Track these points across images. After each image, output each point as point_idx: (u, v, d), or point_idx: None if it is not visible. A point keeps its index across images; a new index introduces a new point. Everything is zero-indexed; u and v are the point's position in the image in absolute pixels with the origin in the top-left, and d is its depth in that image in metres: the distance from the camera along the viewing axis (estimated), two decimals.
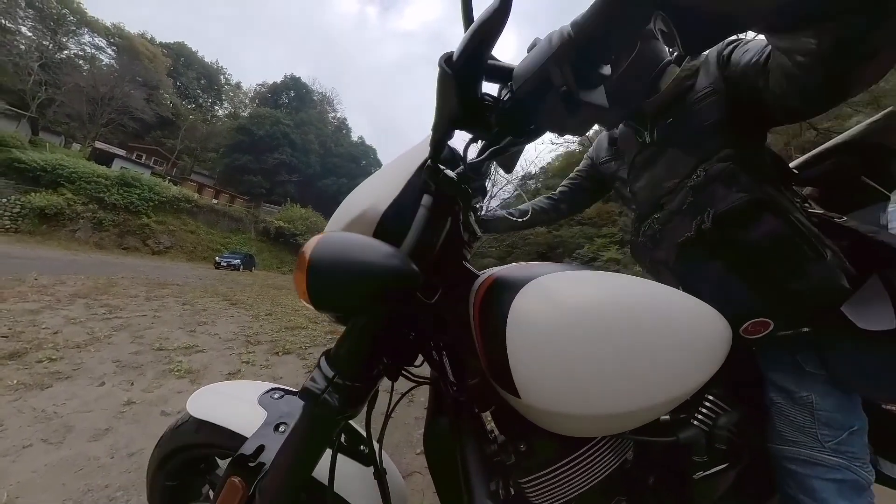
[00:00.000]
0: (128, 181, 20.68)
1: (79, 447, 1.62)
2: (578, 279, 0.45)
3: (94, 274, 7.48)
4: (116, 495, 1.35)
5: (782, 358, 0.62)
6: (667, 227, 0.71)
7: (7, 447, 1.55)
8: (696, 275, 0.65)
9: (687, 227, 0.65)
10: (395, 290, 0.37)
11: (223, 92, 54.38)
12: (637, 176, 0.83)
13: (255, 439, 0.56)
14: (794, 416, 0.60)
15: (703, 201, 0.64)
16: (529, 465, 0.51)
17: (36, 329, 3.18)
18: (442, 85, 0.36)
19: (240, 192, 35.98)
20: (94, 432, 1.75)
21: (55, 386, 2.19)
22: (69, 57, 31.50)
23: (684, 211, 0.67)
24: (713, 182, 0.63)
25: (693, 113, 0.70)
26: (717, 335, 0.44)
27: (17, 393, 2.03)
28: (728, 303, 0.52)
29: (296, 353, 3.65)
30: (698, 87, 0.70)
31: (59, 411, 1.90)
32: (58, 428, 1.75)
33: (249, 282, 12.25)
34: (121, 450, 1.63)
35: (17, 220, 15.89)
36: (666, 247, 0.71)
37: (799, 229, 0.54)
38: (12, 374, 2.23)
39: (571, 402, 0.39)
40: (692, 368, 0.41)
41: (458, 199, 0.48)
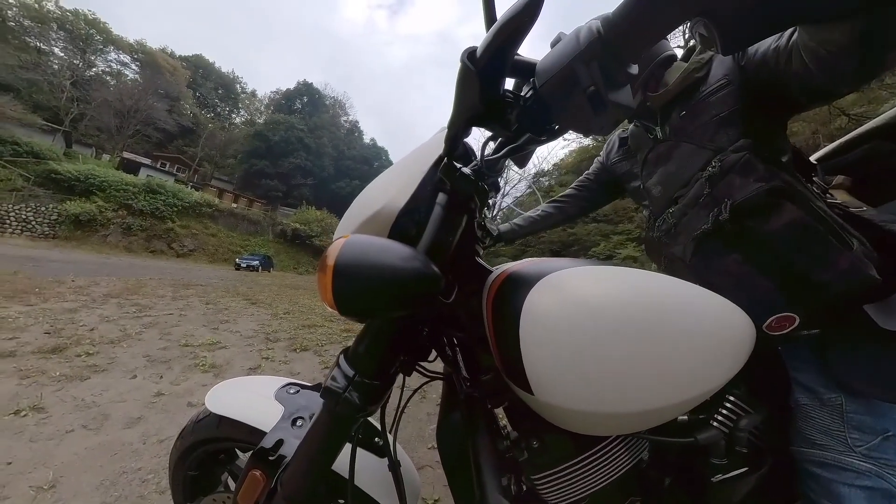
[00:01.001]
0: (153, 188, 21.71)
1: (114, 433, 1.74)
2: (594, 274, 0.43)
3: (124, 275, 7.90)
4: (148, 478, 1.44)
5: (809, 357, 0.59)
6: (682, 221, 0.69)
7: (52, 432, 1.68)
8: (715, 269, 0.63)
9: (703, 220, 0.63)
10: (419, 294, 0.37)
11: (240, 100, 56.13)
12: (650, 173, 0.82)
13: (275, 433, 0.58)
14: (822, 419, 0.57)
15: (719, 193, 0.61)
16: (542, 461, 0.50)
17: (74, 326, 3.40)
18: (463, 81, 0.35)
19: (257, 195, 37.09)
20: (128, 420, 1.87)
21: (92, 378, 2.34)
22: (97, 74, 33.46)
23: (700, 204, 0.65)
24: (729, 172, 0.61)
25: (707, 105, 0.69)
26: (740, 333, 0.42)
27: (60, 384, 2.18)
28: (750, 298, 0.50)
29: (312, 350, 3.75)
30: (711, 78, 0.69)
31: (96, 401, 2.04)
32: (96, 416, 1.87)
33: (268, 282, 12.61)
34: (151, 437, 1.73)
35: (54, 226, 17.03)
36: (682, 241, 0.69)
37: (822, 218, 0.52)
38: (55, 367, 2.40)
39: (585, 400, 0.38)
40: (713, 367, 0.40)
41: (474, 196, 0.47)
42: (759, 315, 0.52)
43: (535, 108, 0.38)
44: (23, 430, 1.66)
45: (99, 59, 34.29)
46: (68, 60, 31.05)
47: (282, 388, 0.70)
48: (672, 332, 0.38)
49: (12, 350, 2.57)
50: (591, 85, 0.32)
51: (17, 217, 16.20)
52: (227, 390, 0.74)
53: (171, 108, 38.22)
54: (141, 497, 1.33)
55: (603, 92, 0.33)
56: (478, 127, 0.42)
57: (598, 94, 0.33)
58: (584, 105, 0.34)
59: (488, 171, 0.47)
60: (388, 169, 0.58)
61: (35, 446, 1.55)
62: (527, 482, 0.54)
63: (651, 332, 0.38)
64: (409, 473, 0.70)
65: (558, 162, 29.02)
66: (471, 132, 0.43)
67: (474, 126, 0.41)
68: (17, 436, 1.61)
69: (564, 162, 28.72)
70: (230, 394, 0.72)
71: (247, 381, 0.78)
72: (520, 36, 0.32)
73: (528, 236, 1.28)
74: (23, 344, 2.73)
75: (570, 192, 1.24)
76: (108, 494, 1.32)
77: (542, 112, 0.38)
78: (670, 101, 0.75)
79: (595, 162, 1.17)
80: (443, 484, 1.45)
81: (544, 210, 1.25)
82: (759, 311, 0.52)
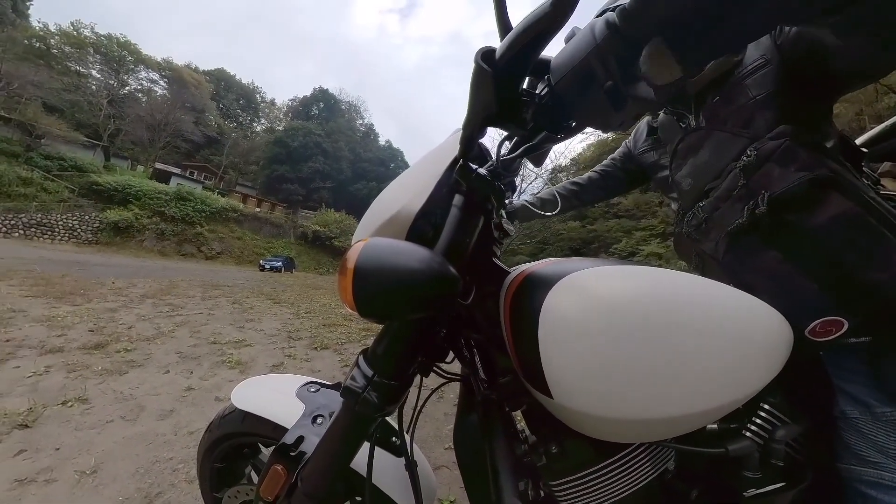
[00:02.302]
0: (183, 195, 22.96)
1: (149, 424, 1.84)
2: (616, 274, 0.42)
3: (158, 277, 8.37)
4: (178, 467, 1.51)
5: (858, 366, 0.53)
6: (714, 216, 0.63)
7: (94, 421, 1.80)
8: (751, 268, 0.57)
9: (737, 214, 0.58)
10: (438, 297, 0.37)
11: (260, 109, 58.38)
12: (680, 164, 0.77)
13: (296, 430, 0.60)
14: (875, 435, 0.51)
15: (755, 184, 0.56)
16: (561, 468, 0.49)
17: (115, 324, 3.63)
18: (477, 81, 0.34)
19: (279, 199, 38.36)
20: (161, 412, 1.97)
21: (130, 372, 2.49)
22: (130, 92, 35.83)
23: (734, 196, 0.60)
24: (767, 161, 0.55)
25: (742, 87, 0.63)
26: (776, 337, 0.40)
27: (102, 377, 2.33)
28: (791, 299, 0.47)
29: (332, 349, 3.83)
30: (748, 59, 0.64)
31: (133, 394, 2.16)
32: (133, 407, 1.99)
33: (290, 282, 13.01)
34: (182, 428, 1.82)
35: (97, 233, 18.42)
36: (714, 237, 0.63)
37: (875, 210, 0.47)
38: (98, 362, 2.57)
39: (607, 405, 0.37)
40: (746, 373, 0.37)
41: (490, 197, 0.46)
42: (802, 319, 0.47)
43: (550, 105, 0.38)
44: (69, 419, 1.79)
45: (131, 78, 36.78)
46: (104, 81, 33.57)
47: (303, 387, 0.71)
48: (701, 334, 0.36)
49: (61, 346, 2.78)
50: (608, 80, 0.31)
51: (65, 225, 17.60)
52: (252, 387, 0.76)
53: (197, 119, 40.29)
54: (171, 485, 1.39)
55: (621, 86, 0.31)
56: (493, 127, 0.41)
57: (616, 89, 0.31)
58: (603, 101, 0.33)
59: (504, 171, 0.46)
60: (404, 172, 0.58)
61: (79, 434, 1.67)
62: (545, 488, 0.52)
63: (678, 335, 0.36)
64: (426, 474, 0.70)
65: (576, 157, 28.21)
66: (486, 132, 0.43)
67: (489, 126, 0.41)
68: (64, 424, 1.74)
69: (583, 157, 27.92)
70: (254, 391, 0.75)
71: (270, 379, 0.80)
72: (544, 40, 0.32)
73: (541, 218, 1.25)
74: (70, 340, 2.94)
75: (591, 175, 1.19)
76: (142, 481, 1.40)
77: (559, 109, 0.38)
78: (706, 86, 0.69)
79: (622, 146, 1.12)
80: (459, 486, 1.43)
81: (560, 192, 1.19)
82: (802, 315, 0.47)
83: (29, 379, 2.17)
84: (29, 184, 17.88)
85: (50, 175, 19.16)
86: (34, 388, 2.05)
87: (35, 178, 18.32)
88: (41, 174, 18.79)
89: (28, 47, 25.68)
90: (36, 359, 2.48)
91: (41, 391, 2.03)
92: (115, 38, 34.96)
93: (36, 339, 2.85)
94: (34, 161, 19.29)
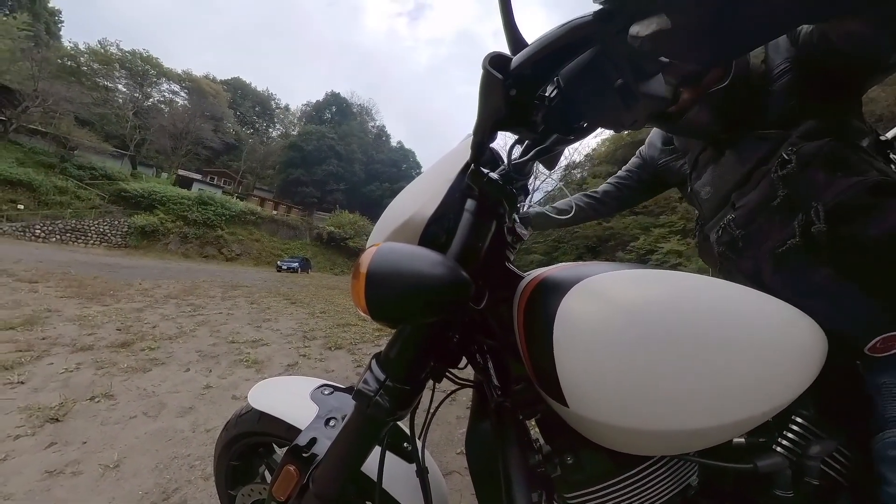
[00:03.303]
0: (205, 200, 23.86)
1: (169, 421, 1.89)
2: (635, 278, 0.40)
3: (182, 278, 8.70)
4: (195, 463, 1.55)
5: None
6: (751, 231, 0.58)
7: (119, 417, 1.87)
8: (800, 289, 0.52)
9: (785, 230, 0.53)
10: (450, 301, 0.37)
11: (275, 115, 59.85)
12: (700, 173, 0.72)
13: (309, 432, 0.60)
14: None
15: (801, 193, 0.51)
16: (576, 479, 0.47)
17: (140, 324, 3.79)
18: (486, 87, 0.34)
19: (295, 202, 39.30)
20: (181, 410, 2.03)
21: (153, 370, 2.59)
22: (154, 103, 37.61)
23: (773, 208, 0.54)
24: (809, 167, 0.50)
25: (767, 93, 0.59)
26: (808, 344, 0.37)
27: (127, 375, 2.43)
28: (849, 317, 0.44)
29: (346, 349, 3.88)
30: (772, 64, 0.59)
31: (155, 391, 2.24)
32: (155, 404, 2.06)
33: (306, 283, 13.30)
34: (200, 426, 1.87)
35: (125, 237, 19.43)
36: (752, 255, 0.58)
37: None
38: (124, 360, 2.68)
39: (625, 415, 0.35)
40: (775, 383, 0.35)
41: (503, 201, 0.46)
42: (861, 336, 0.44)
43: (561, 107, 0.37)
44: (96, 414, 1.87)
45: (154, 90, 38.55)
46: (130, 94, 35.41)
47: (317, 389, 0.72)
48: (726, 341, 0.34)
49: (91, 344, 2.92)
50: (619, 78, 0.31)
51: (96, 230, 18.61)
52: (268, 388, 0.77)
53: (216, 127, 41.71)
54: (188, 481, 1.43)
55: (632, 84, 0.31)
56: (503, 131, 0.41)
57: (627, 87, 0.31)
58: (614, 100, 0.32)
59: (516, 175, 0.46)
60: (417, 178, 0.59)
61: (105, 429, 1.74)
62: (559, 500, 0.51)
63: (701, 341, 0.34)
64: (437, 481, 0.69)
65: (590, 152, 27.60)
66: (496, 137, 0.43)
67: (500, 130, 0.41)
68: (91, 419, 1.81)
69: (597, 152, 27.28)
70: (270, 392, 0.76)
71: (285, 381, 0.81)
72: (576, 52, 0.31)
73: (557, 227, 1.21)
74: (99, 339, 3.09)
75: (606, 187, 1.15)
76: (161, 476, 1.44)
77: (570, 111, 0.37)
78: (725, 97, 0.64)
79: (636, 156, 1.06)
80: (470, 492, 1.41)
81: (577, 203, 1.16)
82: (861, 332, 0.44)
83: (61, 375, 2.28)
84: (64, 192, 19.02)
85: (83, 184, 20.32)
86: (65, 384, 2.16)
87: (69, 186, 19.46)
88: (75, 183, 19.94)
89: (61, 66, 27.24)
90: (68, 356, 2.61)
91: (72, 387, 2.14)
92: (138, 53, 36.80)
93: (68, 338, 3.00)
94: (68, 171, 20.46)
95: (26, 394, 1.98)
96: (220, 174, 40.19)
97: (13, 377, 2.13)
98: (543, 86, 0.36)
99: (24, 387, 2.06)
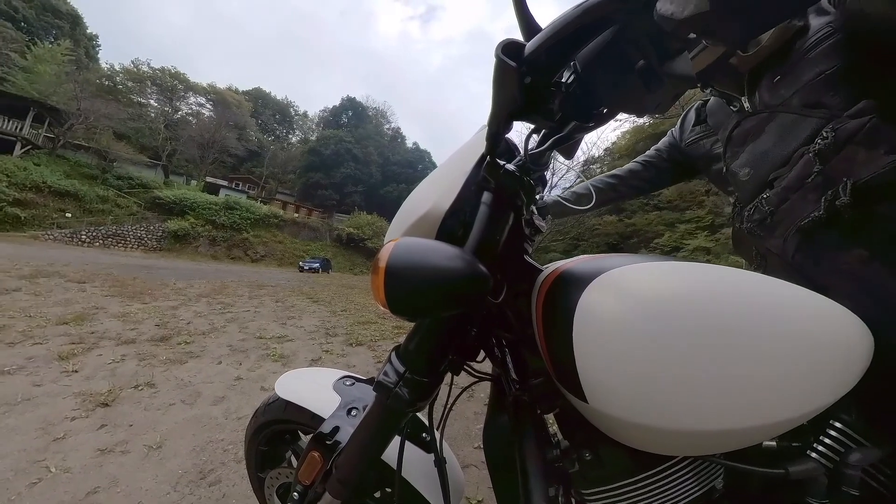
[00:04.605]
0: (231, 205, 25.06)
1: (204, 409, 2.01)
2: (658, 270, 0.39)
3: (212, 279, 9.14)
4: (228, 448, 1.64)
5: None
6: (781, 209, 0.55)
7: (160, 403, 2.01)
8: (829, 269, 0.49)
9: (812, 206, 0.50)
10: (468, 295, 0.37)
11: (294, 122, 61.89)
12: (736, 152, 0.68)
13: (332, 420, 0.63)
14: None
15: (834, 170, 0.48)
16: (595, 476, 0.46)
17: (176, 320, 4.03)
18: (501, 77, 0.33)
19: (315, 205, 40.36)
20: (215, 399, 2.15)
21: (189, 362, 2.75)
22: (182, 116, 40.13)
23: (808, 186, 0.51)
24: (848, 143, 0.48)
25: (808, 62, 0.55)
26: (852, 344, 0.34)
27: (166, 366, 2.59)
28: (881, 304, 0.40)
29: (367, 345, 3.96)
30: (812, 29, 0.55)
31: (192, 381, 2.38)
32: (191, 393, 2.19)
33: (327, 282, 13.64)
34: (232, 414, 1.98)
35: (160, 240, 20.71)
36: (781, 233, 0.55)
37: None
38: (163, 353, 2.86)
39: (647, 412, 0.33)
40: (813, 385, 0.33)
41: (520, 192, 0.45)
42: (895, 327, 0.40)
43: (579, 93, 0.35)
44: (140, 400, 2.01)
45: (182, 103, 41.20)
46: (160, 108, 38.02)
47: (339, 380, 0.74)
48: (759, 337, 0.32)
49: (133, 338, 3.13)
50: (640, 59, 0.29)
51: (134, 235, 19.96)
52: (294, 379, 0.81)
53: (240, 136, 43.73)
54: (222, 463, 1.52)
55: (655, 65, 0.29)
56: (519, 121, 0.39)
57: (650, 69, 0.29)
58: (636, 83, 0.30)
59: (533, 166, 0.45)
60: (432, 172, 0.58)
61: (148, 414, 1.87)
62: (576, 496, 0.50)
63: (731, 337, 0.32)
64: (454, 471, 0.70)
65: (610, 146, 26.67)
66: (512, 127, 0.41)
67: (515, 121, 0.39)
68: (135, 405, 1.95)
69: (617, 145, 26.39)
70: (295, 382, 0.79)
71: (310, 372, 0.84)
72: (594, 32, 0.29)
73: (575, 214, 1.17)
74: (140, 334, 3.31)
75: (631, 166, 1.08)
76: (198, 458, 1.54)
77: (588, 96, 0.35)
78: (762, 63, 0.60)
79: (667, 135, 1.01)
80: (487, 486, 1.43)
81: (595, 186, 1.09)
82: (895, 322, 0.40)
83: (109, 365, 2.47)
84: (105, 201, 20.55)
85: (121, 192, 21.85)
86: (113, 373, 2.34)
87: (110, 195, 21.01)
88: (115, 192, 21.49)
89: (99, 86, 29.56)
90: (114, 348, 2.82)
91: (118, 376, 2.31)
92: (167, 70, 39.40)
93: (114, 332, 3.24)
94: (109, 181, 22.09)
95: (80, 381, 2.16)
96: (245, 180, 41.96)
97: (69, 367, 2.33)
98: (559, 72, 0.34)
99: (78, 375, 2.25)
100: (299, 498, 0.62)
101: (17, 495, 1.21)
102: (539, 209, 0.63)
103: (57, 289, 4.87)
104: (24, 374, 2.15)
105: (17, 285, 4.63)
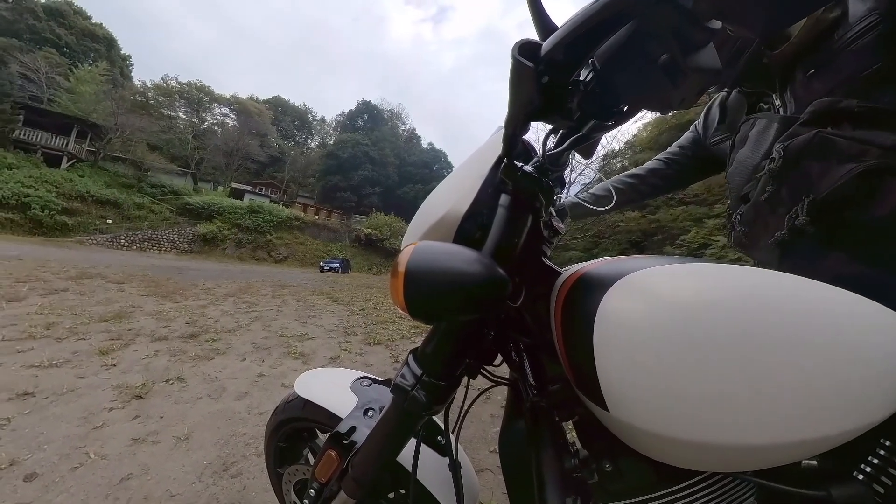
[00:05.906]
0: (255, 209, 26.22)
1: (229, 403, 2.09)
2: (686, 273, 0.36)
3: (237, 279, 9.54)
4: (250, 441, 1.69)
5: None
6: (755, 226, 0.55)
7: (189, 397, 2.11)
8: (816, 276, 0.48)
9: (778, 224, 0.49)
10: (486, 298, 0.36)
11: (312, 127, 63.87)
12: (731, 160, 0.66)
13: (349, 420, 0.63)
14: None
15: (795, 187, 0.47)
16: (615, 489, 0.44)
17: (204, 318, 4.22)
18: (517, 77, 0.32)
19: (334, 207, 41.42)
20: (238, 394, 2.24)
21: (216, 359, 2.87)
22: (209, 126, 42.51)
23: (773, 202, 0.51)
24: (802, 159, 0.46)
25: (849, 55, 0.49)
26: None
27: (195, 362, 2.72)
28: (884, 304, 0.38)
29: (384, 345, 4.00)
30: (852, 18, 0.49)
31: (217, 376, 2.49)
32: (217, 388, 2.28)
33: (346, 282, 13.94)
34: (254, 409, 2.04)
35: (191, 244, 22.05)
36: (763, 246, 0.55)
37: None
38: (192, 349, 3.01)
39: (673, 423, 0.32)
40: (862, 399, 0.29)
41: (538, 194, 0.44)
42: None
43: (598, 90, 0.34)
44: (170, 394, 2.12)
45: (208, 114, 43.60)
46: (188, 120, 40.39)
47: (356, 381, 0.75)
48: (798, 345, 0.29)
49: (166, 335, 3.31)
50: (663, 53, 0.28)
51: (167, 238, 21.29)
52: (312, 378, 0.82)
53: (262, 143, 45.64)
54: (244, 456, 1.57)
55: (679, 58, 0.27)
56: (537, 122, 0.39)
57: (673, 63, 0.28)
58: (658, 78, 0.29)
59: (551, 167, 0.44)
60: (449, 174, 0.58)
61: (177, 407, 1.96)
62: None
63: (766, 345, 0.29)
64: (469, 476, 0.70)
65: (631, 138, 25.71)
66: (529, 128, 0.40)
67: (533, 121, 0.38)
68: (166, 398, 2.06)
69: (638, 138, 25.37)
70: (314, 381, 0.81)
71: (328, 372, 0.86)
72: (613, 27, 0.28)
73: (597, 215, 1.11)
74: (172, 331, 3.49)
75: (653, 164, 1.03)
76: (222, 450, 1.60)
77: (608, 94, 0.34)
78: (797, 57, 0.55)
79: (690, 129, 0.96)
80: (502, 491, 1.39)
81: (615, 186, 1.04)
82: None
83: (143, 360, 2.62)
84: (141, 207, 22.09)
85: (155, 199, 23.44)
86: (146, 368, 2.47)
87: (145, 202, 22.56)
88: (150, 199, 23.06)
89: (133, 102, 31.69)
90: (148, 344, 2.99)
91: (151, 370, 2.44)
92: (193, 84, 41.77)
93: (148, 329, 3.44)
94: (144, 189, 23.76)
95: (117, 374, 2.30)
96: (267, 184, 43.66)
97: (108, 361, 2.49)
98: (578, 70, 0.33)
99: (116, 369, 2.40)
100: (315, 495, 0.63)
101: (60, 478, 1.31)
102: (557, 211, 0.61)
103: (99, 289, 5.23)
104: (69, 367, 2.32)
105: (65, 286, 5.01)
